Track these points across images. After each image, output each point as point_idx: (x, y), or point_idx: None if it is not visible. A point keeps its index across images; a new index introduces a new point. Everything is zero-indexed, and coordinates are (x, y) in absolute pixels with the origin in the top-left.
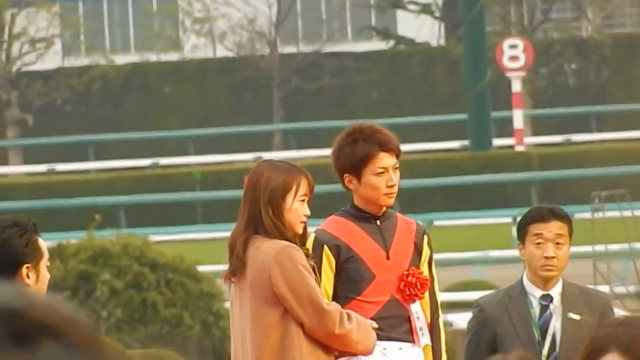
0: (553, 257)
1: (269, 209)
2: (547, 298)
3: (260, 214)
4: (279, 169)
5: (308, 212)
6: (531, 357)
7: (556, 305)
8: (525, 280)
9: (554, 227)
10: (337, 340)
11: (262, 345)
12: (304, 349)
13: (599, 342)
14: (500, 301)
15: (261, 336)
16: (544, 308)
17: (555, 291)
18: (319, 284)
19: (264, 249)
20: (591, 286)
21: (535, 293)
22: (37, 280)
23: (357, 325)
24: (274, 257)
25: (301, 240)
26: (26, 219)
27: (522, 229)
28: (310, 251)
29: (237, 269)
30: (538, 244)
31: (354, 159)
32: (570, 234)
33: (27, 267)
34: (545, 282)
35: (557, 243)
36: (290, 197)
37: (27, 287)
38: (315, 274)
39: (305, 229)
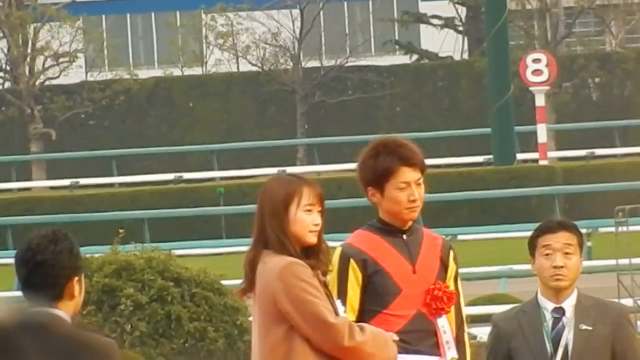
0: (562, 267)
1: (273, 223)
2: (560, 311)
3: (266, 229)
4: (281, 181)
5: (318, 221)
6: None
7: (569, 317)
8: (539, 295)
9: (561, 237)
10: (348, 353)
11: None
12: None
13: None
14: (514, 316)
15: (268, 352)
16: (557, 321)
17: (568, 303)
18: (330, 299)
19: (270, 265)
20: (614, 299)
21: (547, 306)
22: (80, 292)
23: (372, 337)
24: (278, 274)
25: (317, 251)
26: (61, 232)
27: (532, 243)
28: (324, 264)
29: (247, 287)
30: (547, 254)
31: (376, 172)
32: (580, 245)
33: (76, 280)
34: (556, 293)
35: (566, 253)
36: (293, 207)
37: (74, 300)
38: (326, 288)
39: (320, 239)
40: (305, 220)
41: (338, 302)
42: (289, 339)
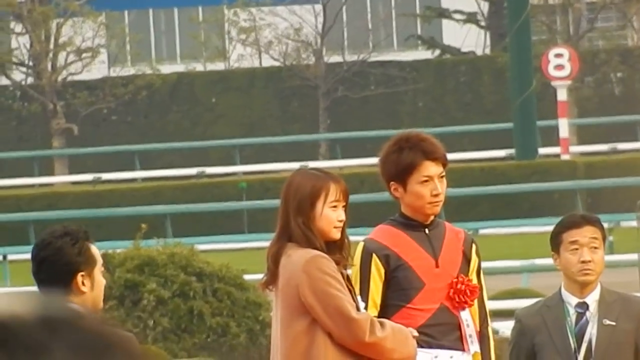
0: (590, 261)
1: (299, 218)
2: (583, 305)
3: (291, 223)
4: (307, 176)
5: (343, 217)
6: None
7: (592, 312)
8: (563, 290)
9: (588, 232)
10: (369, 348)
11: (290, 354)
12: (330, 358)
13: None
14: (537, 311)
15: (289, 345)
16: (580, 316)
17: (592, 298)
18: (352, 293)
19: (294, 258)
20: (636, 294)
21: (571, 301)
22: (92, 287)
23: (392, 332)
24: (303, 267)
25: (340, 246)
26: (77, 228)
27: (556, 238)
28: (346, 259)
29: (269, 279)
30: (573, 250)
31: (399, 167)
32: (604, 239)
33: (82, 275)
34: (582, 288)
35: (592, 247)
36: (319, 203)
37: (83, 295)
38: (349, 282)
39: (343, 234)
40: (331, 216)
41: (358, 298)
42: (310, 332)
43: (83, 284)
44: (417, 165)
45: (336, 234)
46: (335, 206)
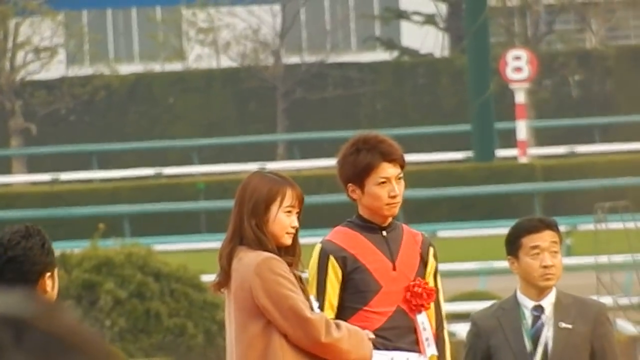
0: (552, 266)
1: (252, 220)
2: (539, 309)
3: (244, 224)
4: (264, 179)
5: (296, 224)
6: None
7: (548, 315)
8: (518, 293)
9: (547, 236)
10: (325, 349)
11: (246, 357)
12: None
13: None
14: (493, 314)
15: (245, 348)
16: (536, 318)
17: (548, 301)
18: (305, 294)
19: (246, 260)
20: (593, 297)
21: (527, 304)
22: (53, 287)
23: (348, 334)
24: (255, 269)
25: (291, 252)
26: (34, 227)
27: (515, 242)
28: (297, 264)
29: (222, 281)
30: (534, 255)
31: (356, 168)
32: (560, 242)
33: (49, 276)
34: (540, 292)
35: (552, 252)
36: (274, 207)
37: (46, 295)
38: (302, 283)
39: (295, 240)
40: (284, 221)
41: (312, 298)
42: (266, 334)
43: (47, 284)
44: (375, 167)
45: (288, 240)
46: (289, 211)
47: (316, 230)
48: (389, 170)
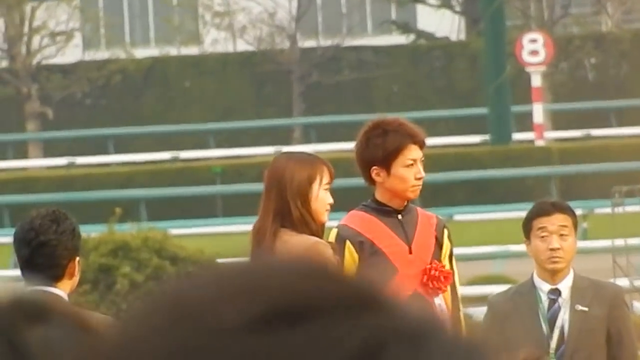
0: (558, 249)
1: (298, 201)
2: (556, 292)
3: (289, 207)
4: (302, 161)
5: (331, 200)
6: (538, 352)
7: (565, 298)
8: (535, 276)
9: (557, 220)
10: None
11: None
12: None
13: None
14: (510, 297)
15: None
16: (552, 302)
17: (565, 285)
18: None
19: (292, 243)
20: (610, 280)
21: (544, 287)
22: (78, 271)
23: None
24: (303, 253)
25: (322, 230)
26: (62, 212)
27: (527, 225)
28: (335, 245)
29: None
30: (542, 237)
31: (385, 150)
32: (575, 226)
33: (77, 260)
34: (553, 275)
35: (562, 235)
36: (316, 186)
37: (72, 279)
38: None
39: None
40: (324, 198)
41: None
42: None
43: (76, 268)
44: (403, 149)
45: (326, 217)
46: (326, 189)
47: (331, 214)
48: (415, 152)
